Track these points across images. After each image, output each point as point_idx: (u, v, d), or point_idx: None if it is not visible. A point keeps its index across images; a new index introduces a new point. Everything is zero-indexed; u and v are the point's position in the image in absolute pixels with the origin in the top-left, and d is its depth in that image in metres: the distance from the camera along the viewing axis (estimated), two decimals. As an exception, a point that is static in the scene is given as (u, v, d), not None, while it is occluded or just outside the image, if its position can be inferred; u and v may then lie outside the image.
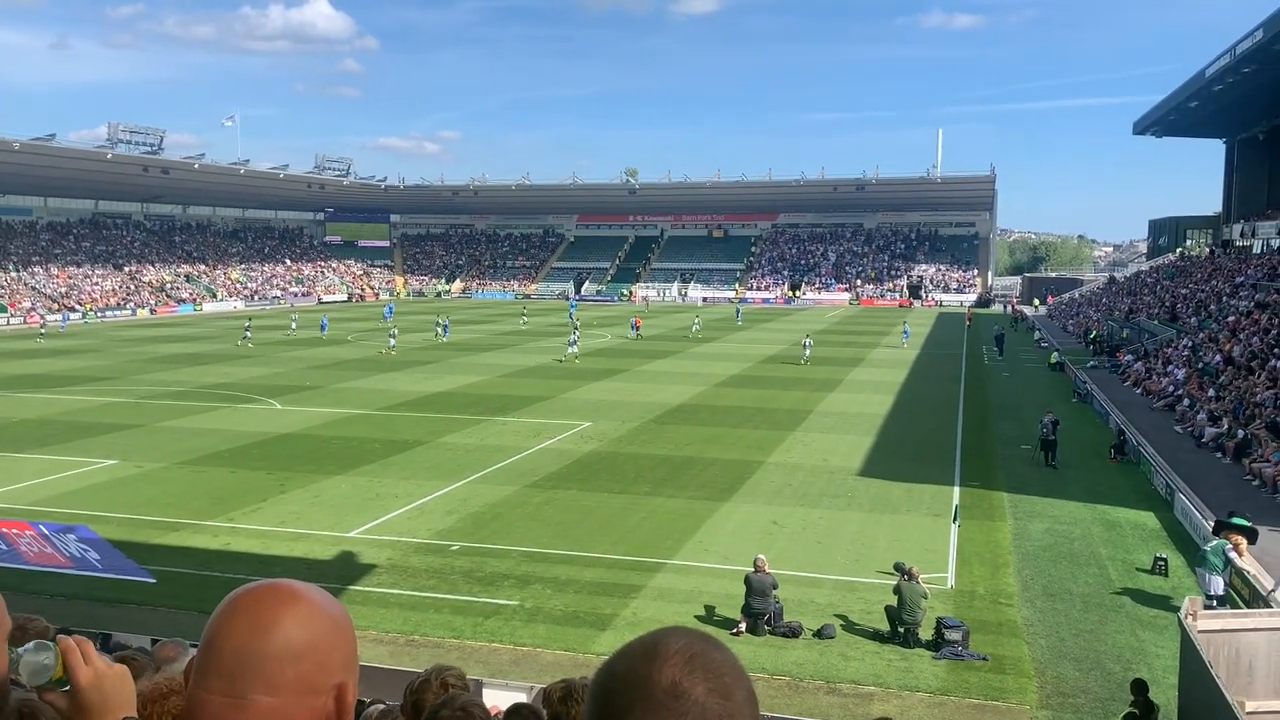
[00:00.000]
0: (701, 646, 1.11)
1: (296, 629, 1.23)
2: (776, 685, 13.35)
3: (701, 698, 1.05)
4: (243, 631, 1.23)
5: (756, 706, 1.11)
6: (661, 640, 1.11)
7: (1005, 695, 13.06)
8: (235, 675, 1.21)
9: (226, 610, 1.26)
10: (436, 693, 3.85)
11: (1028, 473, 25.38)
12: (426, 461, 25.89)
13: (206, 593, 16.06)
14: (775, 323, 73.57)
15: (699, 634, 1.13)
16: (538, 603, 16.09)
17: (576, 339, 49.78)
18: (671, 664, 1.07)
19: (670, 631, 1.13)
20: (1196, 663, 9.63)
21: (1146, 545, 19.24)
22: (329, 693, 1.24)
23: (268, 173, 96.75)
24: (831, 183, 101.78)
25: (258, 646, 1.21)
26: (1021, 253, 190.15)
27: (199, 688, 1.24)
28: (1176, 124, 65.53)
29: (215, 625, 1.26)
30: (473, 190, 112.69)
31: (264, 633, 1.22)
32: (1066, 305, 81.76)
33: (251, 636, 1.22)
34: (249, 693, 1.21)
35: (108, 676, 1.68)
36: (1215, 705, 8.84)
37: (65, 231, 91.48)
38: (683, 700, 1.05)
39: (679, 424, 31.28)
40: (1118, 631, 15.15)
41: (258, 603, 1.25)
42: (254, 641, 1.22)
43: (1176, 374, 36.61)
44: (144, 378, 41.34)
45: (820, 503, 22.21)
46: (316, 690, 1.23)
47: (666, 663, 1.07)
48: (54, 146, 76.16)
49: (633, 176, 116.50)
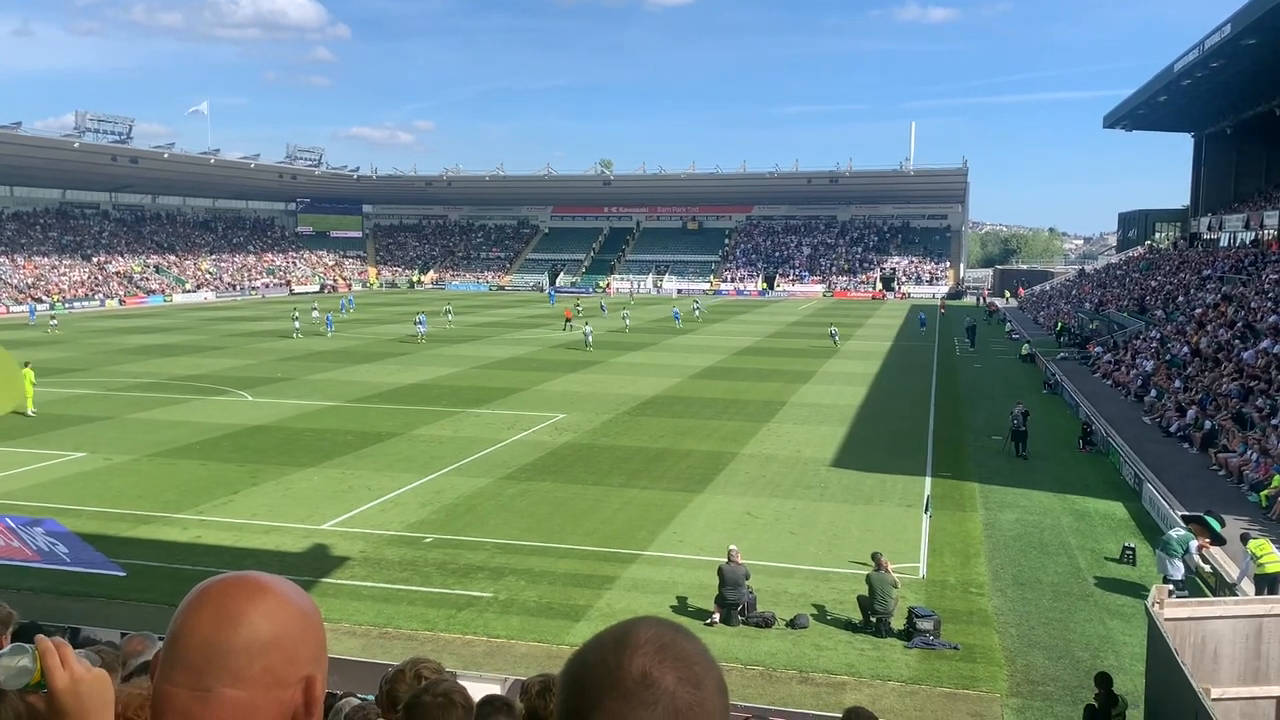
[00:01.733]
0: (672, 636, 1.11)
1: (264, 621, 1.22)
2: (750, 675, 13.42)
3: (671, 686, 1.06)
4: (209, 624, 1.22)
5: (726, 696, 1.12)
6: (632, 630, 1.11)
7: (976, 684, 13.19)
8: (201, 668, 1.21)
9: (193, 603, 1.25)
10: (410, 684, 3.84)
11: (998, 463, 25.61)
12: (400, 453, 25.78)
13: (176, 586, 15.90)
14: (750, 314, 73.72)
15: (670, 624, 1.14)
16: (512, 594, 16.07)
17: (590, 330, 50.52)
18: (642, 653, 1.07)
19: (641, 621, 1.13)
20: (1163, 650, 9.75)
21: (1115, 534, 19.47)
22: (297, 685, 1.24)
23: (238, 162, 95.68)
24: (805, 175, 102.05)
25: (224, 639, 1.20)
26: (993, 245, 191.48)
27: (164, 681, 1.23)
28: (1146, 118, 66.20)
29: (181, 618, 1.25)
30: (446, 181, 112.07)
31: (230, 626, 1.21)
32: (1037, 297, 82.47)
33: (218, 629, 1.21)
34: (215, 686, 1.20)
35: (85, 680, 1.66)
36: (1181, 692, 8.96)
37: (32, 221, 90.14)
38: (653, 689, 1.05)
39: (653, 416, 31.31)
40: (1087, 620, 15.33)
41: (224, 595, 1.24)
42: (220, 634, 1.21)
43: (1145, 365, 37.04)
44: (113, 369, 40.88)
45: (794, 494, 22.31)
46: (284, 683, 1.22)
47: (637, 652, 1.07)
48: (20, 135, 74.93)
49: (607, 168, 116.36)
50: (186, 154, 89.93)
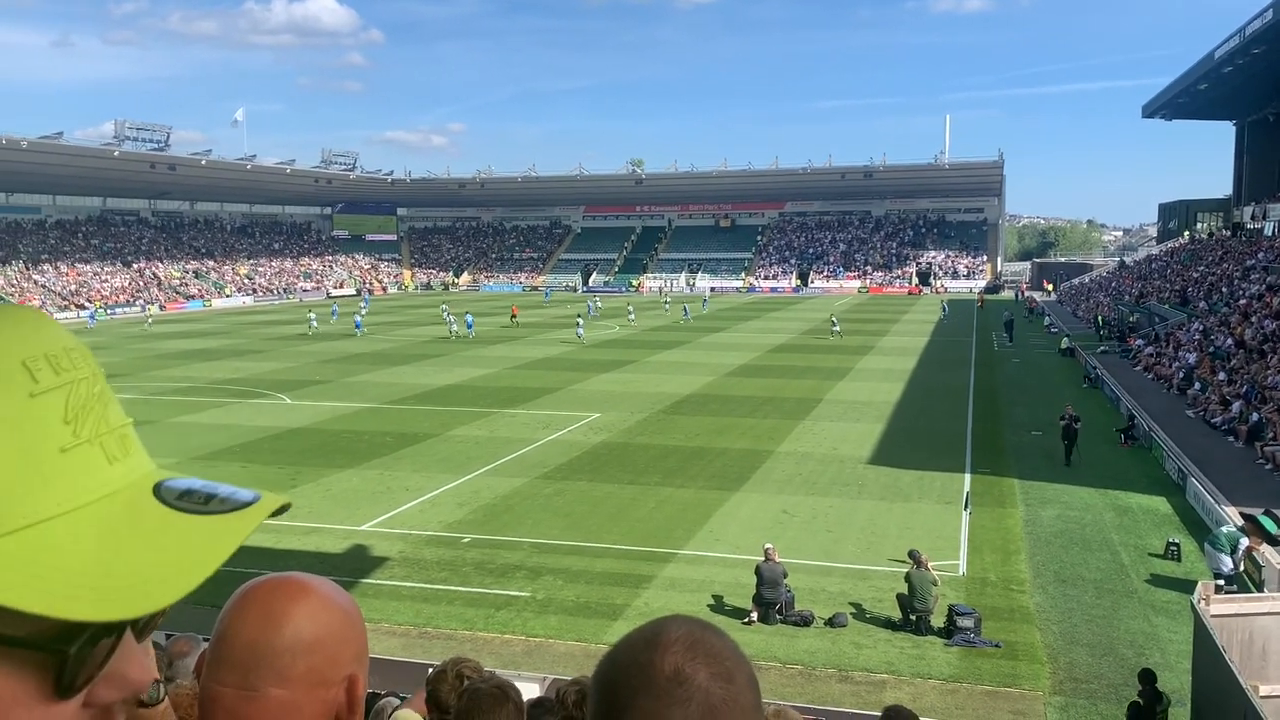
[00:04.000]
0: (702, 633, 1.12)
1: (307, 622, 1.24)
2: (789, 674, 13.37)
3: (704, 683, 1.06)
4: (254, 625, 1.24)
5: (758, 691, 1.13)
6: (662, 628, 1.12)
7: (1018, 681, 13.06)
8: (248, 668, 1.23)
9: (238, 604, 1.27)
10: (453, 685, 3.88)
11: (1038, 459, 25.31)
12: (437, 454, 25.95)
13: (218, 588, 15.89)
14: (784, 311, 73.46)
15: (699, 621, 1.15)
16: (549, 594, 16.13)
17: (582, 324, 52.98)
18: (673, 651, 1.08)
19: (670, 620, 1.14)
20: (1210, 647, 9.60)
21: (1159, 530, 19.19)
22: (340, 684, 1.26)
23: (274, 168, 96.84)
24: (839, 170, 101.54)
25: (269, 640, 1.23)
26: (1030, 238, 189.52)
27: (211, 680, 1.25)
28: (1186, 107, 65.20)
29: (227, 619, 1.27)
30: (479, 183, 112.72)
31: (275, 626, 1.23)
32: (1076, 290, 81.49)
33: (263, 630, 1.23)
34: (261, 685, 1.22)
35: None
36: (1229, 689, 8.81)
37: (74, 229, 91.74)
38: (686, 686, 1.06)
39: (688, 414, 31.28)
40: (1130, 617, 15.13)
41: (269, 597, 1.26)
42: (265, 635, 1.23)
43: (1188, 358, 36.47)
44: (155, 373, 41.50)
45: (831, 491, 22.20)
46: (327, 682, 1.24)
47: (668, 650, 1.08)
48: (62, 144, 76.38)
49: (639, 167, 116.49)
50: (223, 160, 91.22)
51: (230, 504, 0.82)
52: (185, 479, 0.83)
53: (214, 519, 0.79)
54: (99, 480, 0.75)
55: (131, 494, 0.77)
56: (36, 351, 0.74)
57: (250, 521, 0.81)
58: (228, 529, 0.79)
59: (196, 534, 0.77)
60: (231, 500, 0.82)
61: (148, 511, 0.76)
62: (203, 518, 0.78)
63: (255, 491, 0.85)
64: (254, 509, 0.82)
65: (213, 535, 0.77)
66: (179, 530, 0.76)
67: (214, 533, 0.77)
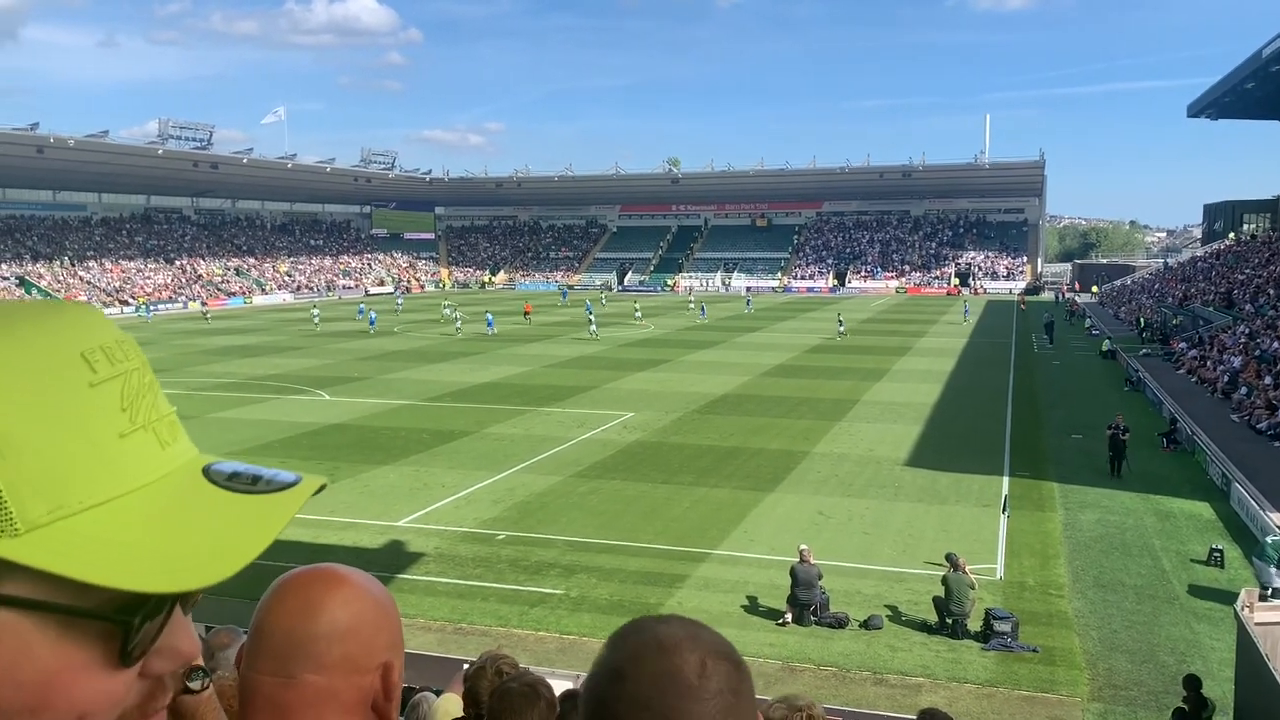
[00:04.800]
0: (693, 626, 1.17)
1: (342, 610, 1.27)
2: (823, 676, 13.30)
3: (726, 670, 1.10)
4: (291, 615, 1.28)
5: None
6: (659, 633, 1.13)
7: (1056, 687, 12.91)
8: (286, 656, 1.26)
9: (275, 594, 1.31)
10: (492, 681, 3.91)
11: (1078, 462, 24.99)
12: (473, 451, 26.09)
13: (256, 582, 16.09)
14: (820, 311, 73.07)
15: (676, 617, 1.17)
16: (583, 592, 16.16)
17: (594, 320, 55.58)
18: (686, 648, 1.10)
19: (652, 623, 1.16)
20: (1253, 655, 9.43)
21: (1201, 536, 18.88)
22: (375, 671, 1.29)
23: (315, 166, 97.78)
24: (877, 170, 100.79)
25: (306, 628, 1.26)
26: (1071, 239, 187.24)
27: (251, 669, 1.29)
28: (1232, 106, 64.04)
29: (265, 610, 1.30)
30: (516, 182, 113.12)
31: (312, 615, 1.26)
32: (1118, 292, 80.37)
33: (300, 619, 1.27)
34: (298, 672, 1.26)
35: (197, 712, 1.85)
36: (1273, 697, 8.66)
37: (118, 226, 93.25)
38: (714, 678, 1.08)
39: (723, 414, 31.22)
40: (1172, 624, 14.90)
41: (305, 587, 1.30)
42: (302, 623, 1.26)
43: (1233, 361, 35.84)
44: (197, 369, 42.09)
45: (867, 493, 22.06)
46: (362, 669, 1.28)
47: (682, 651, 1.10)
48: (107, 143, 77.61)
49: (675, 166, 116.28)
50: (265, 159, 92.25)
51: (275, 484, 0.87)
52: (230, 462, 0.88)
53: (262, 498, 0.84)
54: (154, 463, 0.80)
55: (183, 475, 0.82)
56: (93, 344, 0.78)
57: (296, 500, 0.86)
58: (276, 507, 0.84)
59: (247, 512, 0.82)
60: (276, 481, 0.87)
61: (200, 492, 0.81)
62: (252, 497, 0.83)
63: (296, 473, 0.90)
64: (298, 489, 0.87)
65: (262, 513, 0.82)
66: (230, 509, 0.81)
67: (263, 511, 0.83)
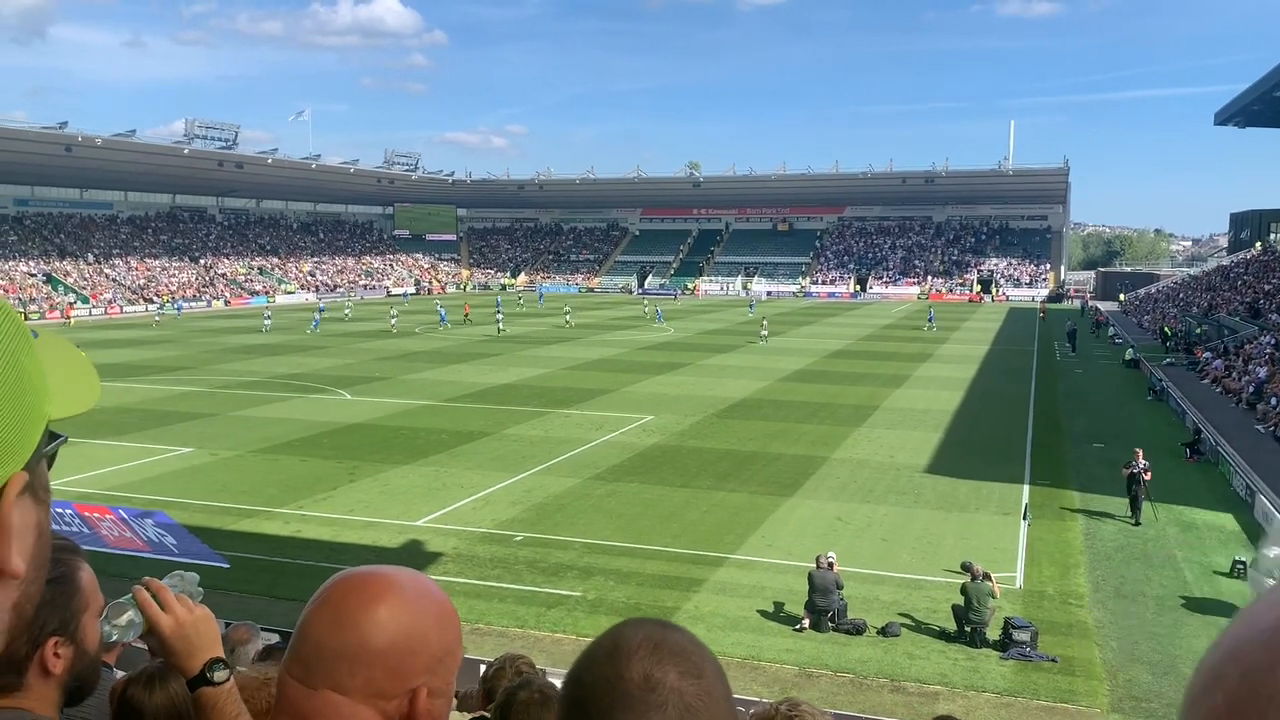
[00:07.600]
0: (662, 633, 1.12)
1: (375, 631, 1.24)
2: (840, 682, 13.25)
3: (675, 683, 1.06)
4: (324, 625, 1.26)
5: (726, 681, 1.12)
6: (620, 637, 1.11)
7: (1075, 697, 12.80)
8: (311, 665, 1.25)
9: (318, 598, 1.29)
10: (511, 679, 3.91)
11: (1100, 471, 24.78)
12: (491, 452, 26.15)
13: (276, 578, 16.44)
14: (841, 317, 72.88)
15: (655, 620, 1.15)
16: (600, 594, 16.16)
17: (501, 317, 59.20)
18: (638, 657, 1.08)
19: (627, 625, 1.13)
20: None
21: (1225, 548, 18.69)
22: (402, 696, 1.26)
23: (338, 168, 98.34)
24: (900, 175, 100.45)
25: (334, 643, 1.24)
26: (1095, 247, 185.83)
27: (284, 668, 1.28)
28: (1261, 114, 63.44)
29: (306, 612, 1.29)
30: (538, 184, 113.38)
31: (342, 630, 1.24)
32: (1141, 300, 79.72)
33: (330, 632, 1.25)
34: (320, 685, 1.24)
35: (189, 623, 1.82)
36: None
37: (144, 225, 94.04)
38: (658, 691, 1.06)
39: (742, 418, 31.15)
40: (1194, 635, 14.75)
41: (344, 597, 1.27)
42: (332, 637, 1.24)
43: (1259, 372, 35.48)
44: (219, 367, 42.38)
45: (886, 499, 21.96)
46: (386, 695, 1.25)
47: (633, 658, 1.07)
48: (134, 142, 78.37)
49: (696, 170, 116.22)
50: (289, 159, 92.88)
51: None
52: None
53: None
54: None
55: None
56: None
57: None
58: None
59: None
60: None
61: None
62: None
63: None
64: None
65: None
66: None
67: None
